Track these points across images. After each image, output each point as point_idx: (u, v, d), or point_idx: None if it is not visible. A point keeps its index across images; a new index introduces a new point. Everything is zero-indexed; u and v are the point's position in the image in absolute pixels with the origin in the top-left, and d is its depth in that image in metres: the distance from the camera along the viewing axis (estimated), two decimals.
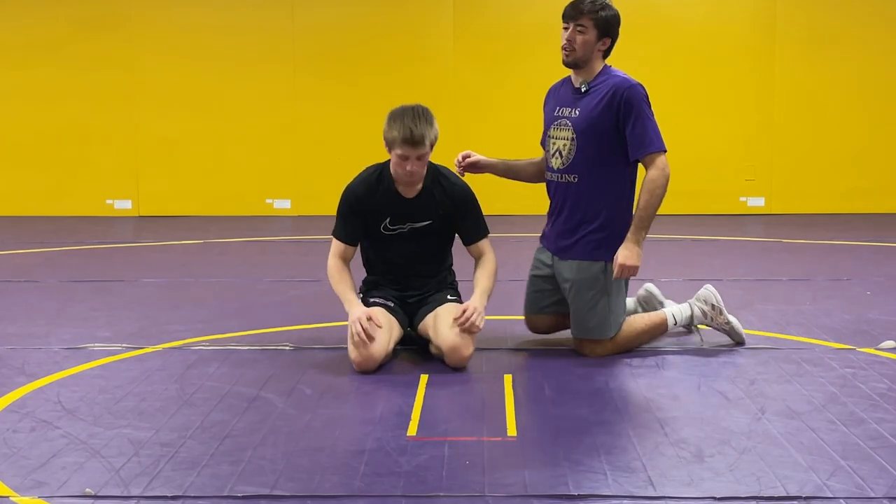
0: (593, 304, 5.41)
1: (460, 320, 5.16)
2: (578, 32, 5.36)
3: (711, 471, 3.74)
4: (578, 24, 5.35)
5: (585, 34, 5.36)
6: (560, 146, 5.48)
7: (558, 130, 5.51)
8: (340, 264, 5.46)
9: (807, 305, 6.82)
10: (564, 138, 5.46)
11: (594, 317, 5.42)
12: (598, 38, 5.40)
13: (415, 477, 3.70)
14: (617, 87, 5.37)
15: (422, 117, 5.21)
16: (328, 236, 5.56)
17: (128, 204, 13.33)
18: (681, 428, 4.24)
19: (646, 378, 5.06)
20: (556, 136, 5.52)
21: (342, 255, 5.47)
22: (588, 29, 5.35)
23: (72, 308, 6.94)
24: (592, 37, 5.38)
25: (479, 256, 5.53)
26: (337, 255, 5.47)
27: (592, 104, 5.39)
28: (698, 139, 12.98)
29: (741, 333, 5.73)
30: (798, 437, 4.12)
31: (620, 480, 3.65)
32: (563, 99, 5.58)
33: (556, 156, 5.50)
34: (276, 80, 13.08)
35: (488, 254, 5.52)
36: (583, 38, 5.36)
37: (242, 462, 3.86)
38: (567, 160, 5.44)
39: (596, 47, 5.42)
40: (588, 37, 5.37)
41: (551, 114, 5.62)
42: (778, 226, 11.79)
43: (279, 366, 5.34)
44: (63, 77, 13.12)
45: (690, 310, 5.77)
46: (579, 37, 5.36)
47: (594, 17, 5.35)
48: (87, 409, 4.57)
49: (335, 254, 5.48)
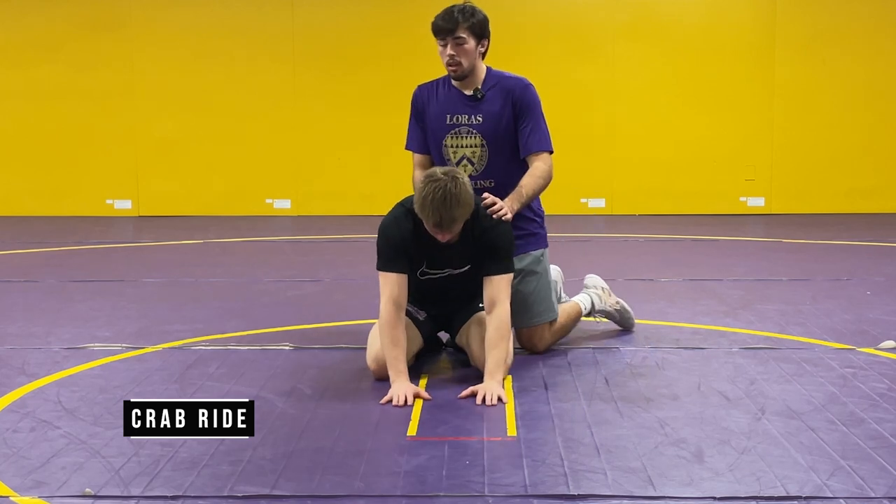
0: (538, 290, 5.54)
1: (478, 400, 4.72)
2: (458, 45, 5.33)
3: (711, 471, 3.73)
4: (456, 38, 5.32)
5: (466, 44, 5.34)
6: (468, 154, 5.46)
7: (459, 139, 5.46)
8: (395, 316, 4.87)
9: (807, 305, 6.82)
10: (472, 145, 5.45)
11: (541, 302, 5.55)
12: (476, 43, 5.39)
13: (415, 477, 3.70)
14: (513, 88, 5.45)
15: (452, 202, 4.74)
16: (328, 236, 5.53)
17: (128, 204, 13.34)
18: (681, 428, 4.24)
19: (646, 378, 5.06)
20: (459, 144, 5.47)
21: (396, 300, 4.89)
22: (467, 38, 5.33)
23: (72, 308, 6.93)
24: (472, 45, 5.36)
25: (491, 305, 4.94)
26: (391, 299, 4.89)
27: (496, 109, 5.42)
28: (698, 139, 12.99)
29: (631, 318, 6.06)
30: (798, 437, 4.12)
31: (620, 480, 3.64)
32: (453, 106, 5.50)
33: (464, 164, 5.45)
34: (276, 80, 13.09)
35: (501, 305, 4.92)
36: (464, 48, 5.34)
37: (242, 462, 3.85)
38: (480, 167, 5.44)
39: (477, 53, 5.43)
40: (469, 46, 5.35)
41: (442, 122, 5.50)
42: (778, 226, 11.79)
43: (279, 366, 5.33)
44: (63, 77, 13.13)
45: (590, 298, 6.00)
46: (461, 48, 5.34)
47: (469, 26, 5.33)
48: (87, 409, 4.57)
49: (389, 298, 4.89)
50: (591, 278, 6.14)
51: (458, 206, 4.76)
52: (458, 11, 5.32)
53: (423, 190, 4.78)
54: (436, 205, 4.73)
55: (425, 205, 4.75)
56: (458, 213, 4.78)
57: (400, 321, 4.88)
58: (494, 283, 4.95)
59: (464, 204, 4.77)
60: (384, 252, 4.97)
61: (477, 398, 4.68)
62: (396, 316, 4.87)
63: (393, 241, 4.95)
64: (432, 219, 4.77)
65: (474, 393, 4.71)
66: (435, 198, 4.72)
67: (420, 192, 4.79)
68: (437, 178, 4.77)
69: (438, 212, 4.73)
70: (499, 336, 4.87)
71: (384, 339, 4.87)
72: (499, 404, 4.61)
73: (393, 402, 4.63)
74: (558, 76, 12.88)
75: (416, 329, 5.24)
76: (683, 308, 6.79)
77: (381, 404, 4.62)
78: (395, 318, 4.87)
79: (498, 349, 4.85)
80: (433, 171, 4.83)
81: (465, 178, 4.82)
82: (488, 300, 4.95)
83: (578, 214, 12.97)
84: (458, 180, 4.76)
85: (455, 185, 4.73)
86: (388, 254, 4.95)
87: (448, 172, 4.80)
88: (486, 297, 4.96)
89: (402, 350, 4.85)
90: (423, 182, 4.80)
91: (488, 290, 4.96)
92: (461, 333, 5.28)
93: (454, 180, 4.75)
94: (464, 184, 4.78)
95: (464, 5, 5.37)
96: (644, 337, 5.94)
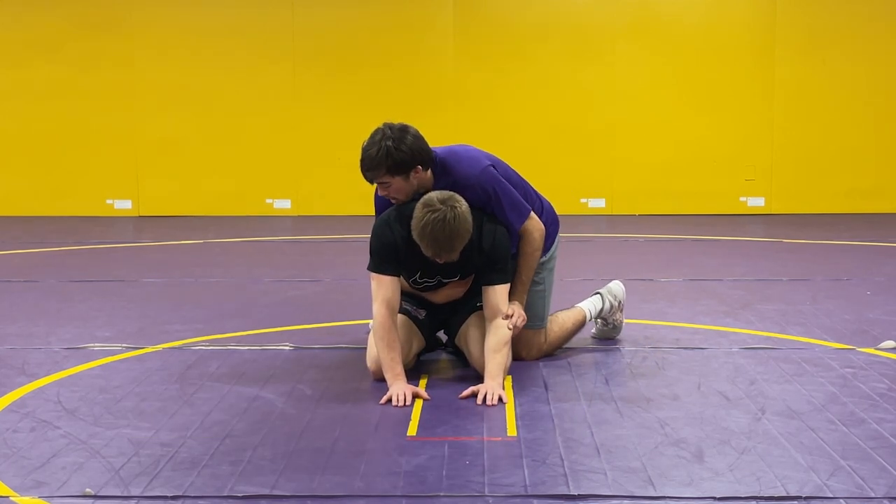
0: (533, 295, 5.32)
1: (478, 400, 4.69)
2: (386, 188, 4.95)
3: (711, 471, 3.74)
4: (381, 182, 4.94)
5: (392, 185, 4.93)
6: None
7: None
8: (389, 321, 4.82)
9: (807, 305, 6.82)
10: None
11: (534, 307, 5.33)
12: (406, 177, 4.92)
13: (415, 477, 3.70)
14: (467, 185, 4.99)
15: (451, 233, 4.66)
16: (327, 236, 5.51)
17: (128, 204, 13.34)
18: (681, 428, 4.24)
19: (646, 378, 5.06)
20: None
21: (389, 303, 4.84)
22: (392, 179, 4.91)
23: (72, 308, 6.93)
24: (401, 181, 4.92)
25: (493, 314, 4.93)
26: (384, 302, 4.83)
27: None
28: (698, 139, 12.99)
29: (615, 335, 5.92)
30: (798, 437, 4.12)
31: (620, 480, 3.64)
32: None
33: None
34: (276, 79, 13.09)
35: (502, 314, 4.93)
36: (394, 188, 4.94)
37: (242, 462, 3.86)
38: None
39: (412, 183, 4.96)
40: (397, 185, 4.93)
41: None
42: (778, 226, 11.79)
43: (279, 366, 5.34)
44: (63, 76, 13.13)
45: (602, 302, 5.81)
46: (391, 189, 4.95)
47: (387, 170, 4.88)
48: (87, 409, 4.57)
49: (382, 301, 4.84)
50: (617, 286, 5.89)
51: (457, 238, 4.69)
52: (373, 158, 4.88)
53: (420, 219, 4.68)
54: (434, 236, 4.66)
55: (423, 235, 4.68)
56: (458, 244, 4.72)
57: (394, 324, 4.86)
58: (497, 292, 4.96)
59: (463, 234, 4.70)
60: (377, 253, 4.93)
61: (477, 398, 4.68)
62: (390, 319, 4.84)
63: (386, 246, 4.90)
64: (430, 250, 4.72)
65: (474, 393, 4.72)
66: (434, 229, 4.64)
67: (417, 221, 4.70)
68: (434, 207, 4.67)
69: (437, 243, 4.67)
70: (500, 342, 4.89)
71: (379, 342, 4.83)
72: (499, 404, 4.61)
73: (393, 402, 4.63)
74: (558, 76, 12.88)
75: (416, 329, 5.21)
76: (683, 308, 6.79)
77: (381, 404, 4.62)
78: (388, 322, 4.83)
79: (499, 353, 4.86)
80: (430, 198, 4.72)
81: (463, 205, 4.71)
82: (490, 309, 4.95)
83: (578, 214, 12.96)
84: (456, 210, 4.66)
85: (454, 214, 4.65)
86: (380, 255, 4.92)
87: (446, 200, 4.69)
88: (488, 306, 4.96)
89: (397, 353, 4.82)
90: (420, 210, 4.70)
91: (490, 298, 4.95)
92: (460, 334, 5.26)
93: (452, 210, 4.65)
94: (462, 212, 4.68)
95: (380, 145, 4.88)
96: (644, 337, 5.94)
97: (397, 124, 4.99)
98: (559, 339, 5.61)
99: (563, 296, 6.30)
